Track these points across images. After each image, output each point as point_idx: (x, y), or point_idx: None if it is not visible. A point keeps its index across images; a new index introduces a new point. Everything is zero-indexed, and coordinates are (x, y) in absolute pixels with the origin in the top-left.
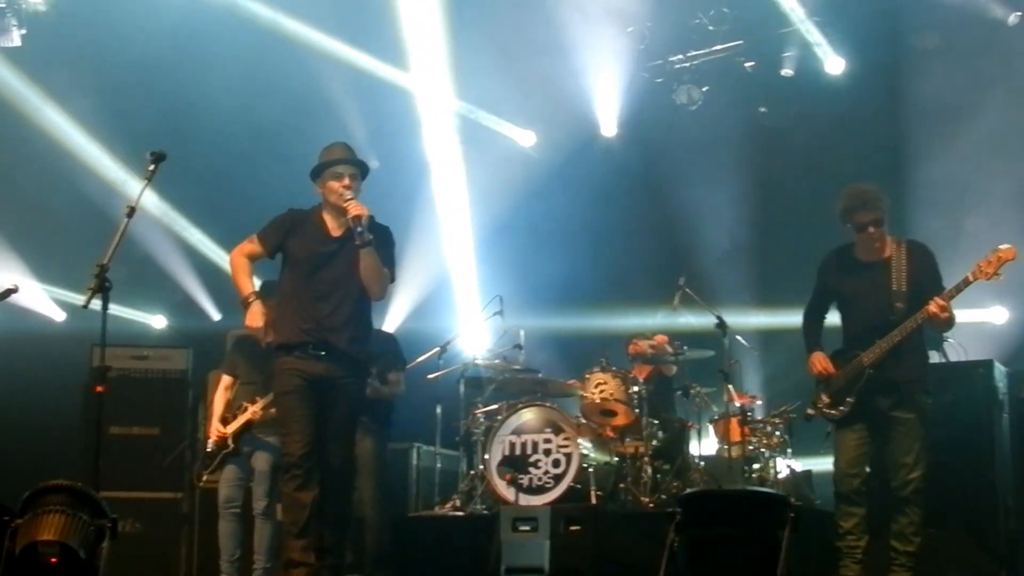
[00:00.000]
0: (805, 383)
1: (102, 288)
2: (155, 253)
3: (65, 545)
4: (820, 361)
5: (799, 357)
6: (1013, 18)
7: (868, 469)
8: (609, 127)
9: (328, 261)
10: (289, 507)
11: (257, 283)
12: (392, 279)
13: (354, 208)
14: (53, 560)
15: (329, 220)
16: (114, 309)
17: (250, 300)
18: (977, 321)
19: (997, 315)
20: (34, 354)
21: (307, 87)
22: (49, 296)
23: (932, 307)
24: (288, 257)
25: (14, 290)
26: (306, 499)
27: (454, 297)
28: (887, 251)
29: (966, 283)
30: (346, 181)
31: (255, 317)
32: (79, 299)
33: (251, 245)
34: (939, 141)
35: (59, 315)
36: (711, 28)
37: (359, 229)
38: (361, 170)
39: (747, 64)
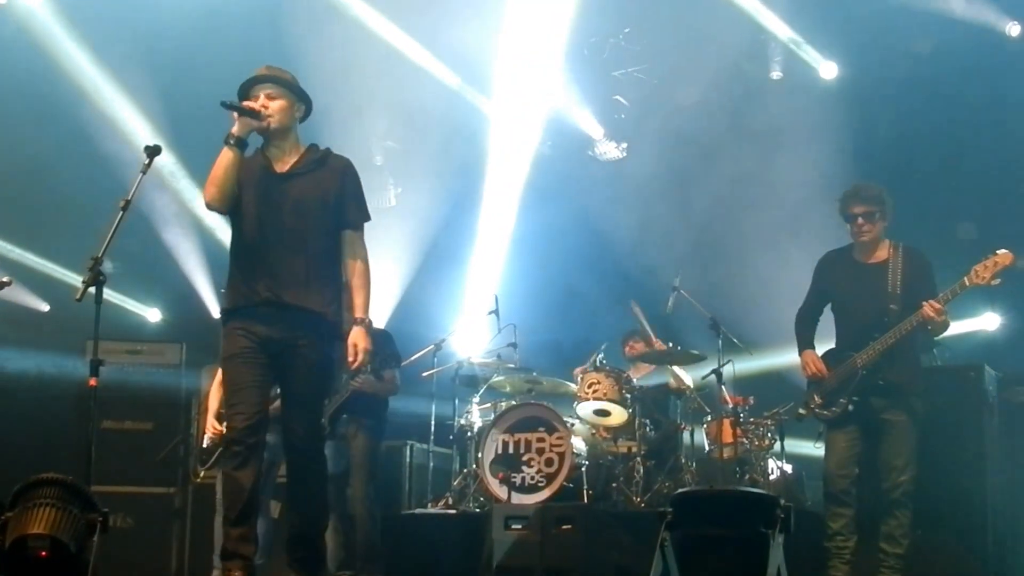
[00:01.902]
0: (797, 386)
1: (96, 281)
2: (164, 242)
3: (55, 539)
4: (813, 362)
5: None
6: (1012, 27)
7: (858, 470)
8: (600, 129)
9: (276, 202)
10: (226, 489)
11: None
12: (368, 219)
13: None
14: (43, 554)
15: (273, 155)
16: (113, 297)
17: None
18: (972, 331)
19: (990, 322)
20: (27, 346)
21: (331, 67)
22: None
23: (927, 309)
24: (237, 209)
25: (8, 283)
26: (246, 480)
27: (455, 296)
28: (884, 254)
29: (962, 287)
30: (261, 100)
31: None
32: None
33: None
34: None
35: (43, 306)
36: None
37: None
38: (284, 87)
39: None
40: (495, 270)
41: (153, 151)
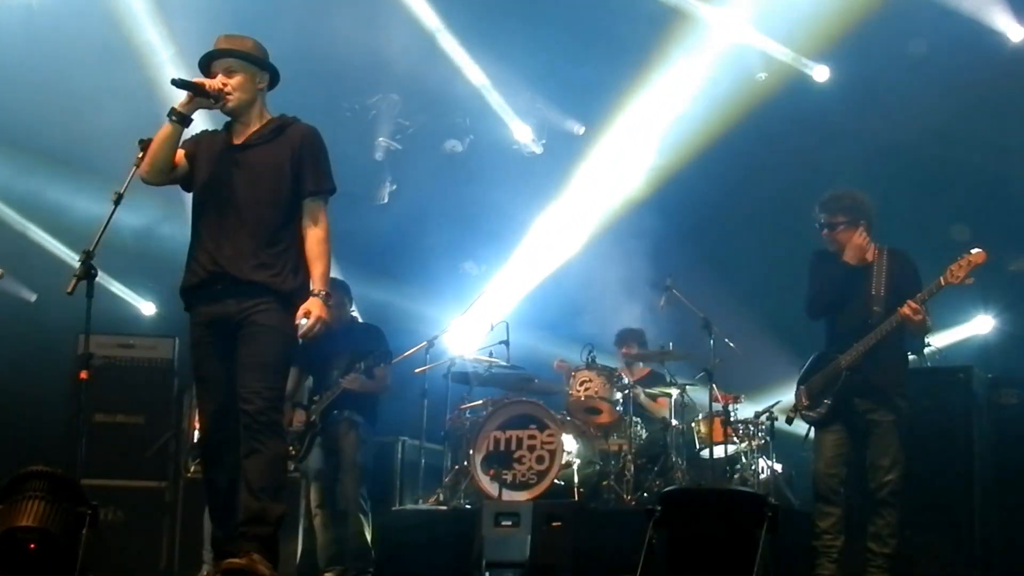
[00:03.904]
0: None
1: (87, 275)
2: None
3: (44, 531)
4: None
5: None
6: (1013, 31)
7: (846, 470)
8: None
9: (228, 175)
10: (204, 490)
11: None
12: (331, 188)
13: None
14: (32, 546)
15: (236, 129)
16: (109, 286)
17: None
18: (966, 337)
19: (983, 325)
20: (17, 339)
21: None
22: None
23: (905, 309)
24: (193, 186)
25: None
26: (220, 478)
27: (451, 295)
28: (869, 257)
29: (938, 287)
30: (219, 78)
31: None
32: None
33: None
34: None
35: (31, 296)
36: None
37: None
38: (243, 59)
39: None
40: (495, 270)
41: (147, 145)
